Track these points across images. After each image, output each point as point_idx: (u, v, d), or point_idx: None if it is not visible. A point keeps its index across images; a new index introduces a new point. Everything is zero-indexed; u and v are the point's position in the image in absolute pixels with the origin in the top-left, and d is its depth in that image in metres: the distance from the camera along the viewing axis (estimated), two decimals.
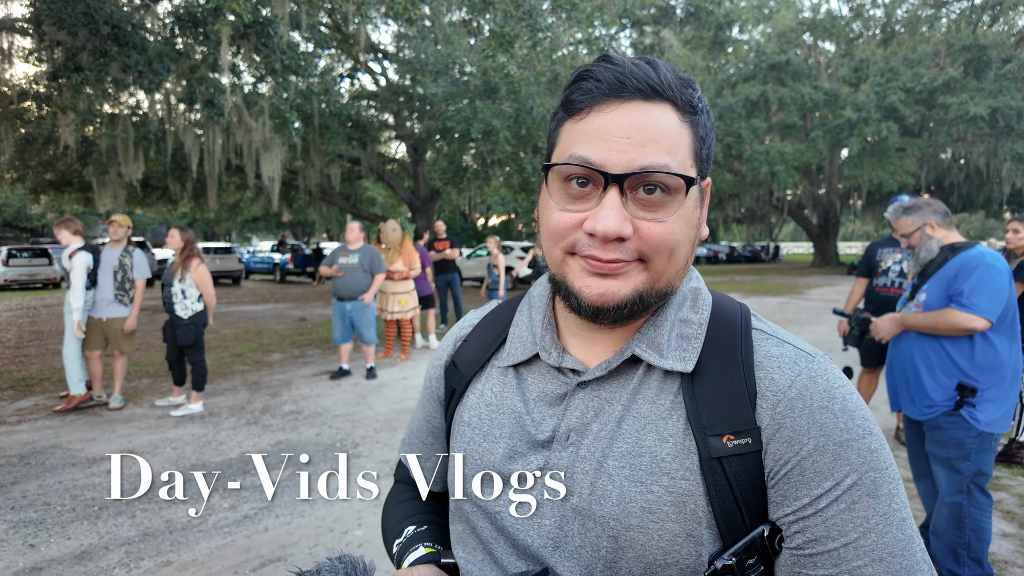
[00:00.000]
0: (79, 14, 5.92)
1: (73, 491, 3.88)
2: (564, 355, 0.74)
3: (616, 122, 0.63)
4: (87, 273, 5.52)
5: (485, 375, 0.82)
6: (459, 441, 0.80)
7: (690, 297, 0.74)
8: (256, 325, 11.25)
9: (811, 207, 31.10)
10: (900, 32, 26.61)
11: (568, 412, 0.72)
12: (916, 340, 2.64)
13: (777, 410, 0.65)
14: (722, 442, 0.64)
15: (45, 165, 14.42)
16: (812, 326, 10.78)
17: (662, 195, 0.63)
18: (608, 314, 0.66)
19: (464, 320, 0.92)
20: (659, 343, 0.70)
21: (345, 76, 16.07)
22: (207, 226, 36.17)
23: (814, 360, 0.68)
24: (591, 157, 0.63)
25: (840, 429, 0.63)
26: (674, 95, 0.64)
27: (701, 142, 0.67)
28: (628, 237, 0.63)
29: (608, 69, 0.64)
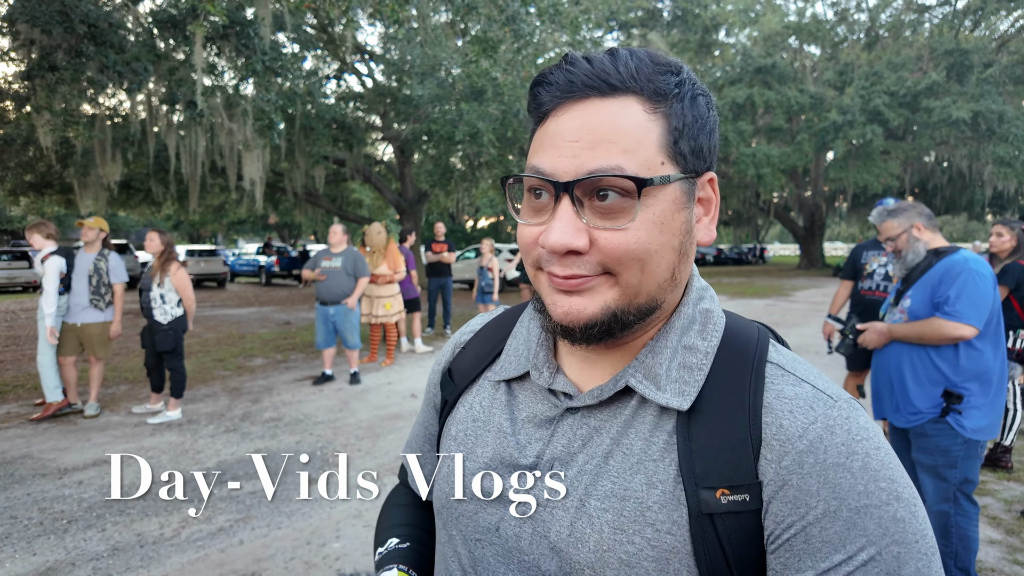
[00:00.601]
0: (54, 12, 5.79)
1: (42, 504, 3.76)
2: (557, 376, 0.68)
3: (567, 125, 0.57)
4: (60, 278, 5.39)
5: (477, 387, 0.76)
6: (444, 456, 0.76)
7: (699, 320, 0.64)
8: (239, 329, 11.10)
9: (797, 209, 31.31)
10: (884, 36, 26.88)
11: (555, 439, 0.65)
12: (901, 347, 2.61)
13: (783, 463, 0.55)
14: (715, 496, 0.56)
15: (24, 166, 14.17)
16: (798, 328, 10.80)
17: (619, 200, 0.55)
18: (575, 334, 0.59)
19: (468, 325, 0.87)
20: (657, 373, 0.61)
21: (332, 77, 15.95)
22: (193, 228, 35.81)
23: (835, 405, 0.57)
24: (541, 166, 0.57)
25: (858, 492, 0.53)
26: (638, 85, 0.57)
27: (677, 133, 0.58)
28: (583, 250, 0.56)
29: (562, 70, 0.58)
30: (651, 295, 0.59)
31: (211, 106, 7.90)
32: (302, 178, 15.08)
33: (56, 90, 6.31)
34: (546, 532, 0.62)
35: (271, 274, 23.74)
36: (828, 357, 7.96)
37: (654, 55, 0.59)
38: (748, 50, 24.05)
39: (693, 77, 0.61)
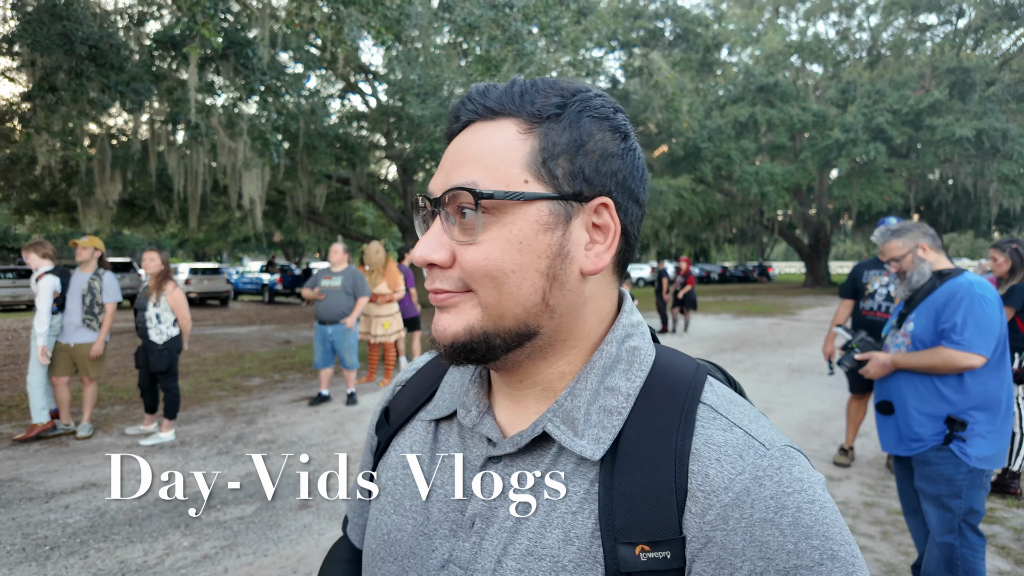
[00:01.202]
0: (55, 35, 5.84)
1: (26, 529, 3.68)
2: (484, 417, 0.63)
3: (450, 148, 0.60)
4: (54, 297, 5.36)
5: (409, 430, 0.71)
6: (374, 507, 0.70)
7: (625, 359, 0.60)
8: (239, 348, 11.05)
9: (802, 227, 31.25)
10: (886, 55, 27.01)
11: (477, 491, 0.61)
12: (903, 373, 2.53)
13: (707, 518, 0.51)
14: (634, 553, 0.51)
15: (30, 185, 14.28)
16: (803, 347, 10.69)
17: (473, 216, 0.55)
18: (445, 351, 0.58)
19: (414, 362, 0.82)
20: (575, 417, 0.57)
21: (335, 97, 16.07)
22: (198, 246, 35.99)
23: (766, 454, 0.53)
24: (428, 187, 0.61)
25: (787, 551, 0.48)
26: (516, 108, 0.57)
27: (548, 153, 0.56)
28: (443, 264, 0.57)
29: (460, 101, 0.62)
30: (518, 318, 0.56)
31: (211, 125, 7.94)
32: (305, 196, 15.13)
33: (56, 111, 6.36)
34: None
35: (274, 292, 23.76)
36: (831, 378, 7.85)
37: (558, 83, 0.59)
38: (750, 69, 24.16)
39: (595, 103, 0.59)
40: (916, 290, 2.57)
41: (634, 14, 22.14)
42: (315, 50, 13.40)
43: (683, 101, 17.20)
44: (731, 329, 13.65)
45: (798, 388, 7.47)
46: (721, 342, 11.56)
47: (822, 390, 7.28)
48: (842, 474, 4.58)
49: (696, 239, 35.60)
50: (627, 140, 0.60)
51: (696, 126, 19.76)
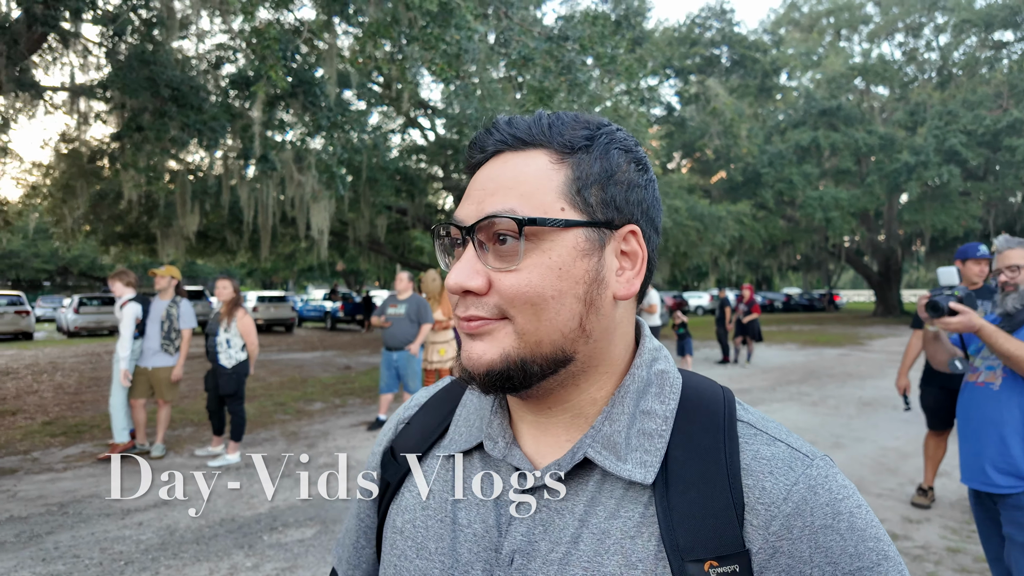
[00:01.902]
0: (143, 79, 6.33)
1: (103, 544, 3.87)
2: (512, 448, 0.62)
3: (479, 177, 0.60)
4: (136, 323, 5.69)
5: (425, 467, 0.69)
6: (390, 552, 0.67)
7: (655, 383, 0.61)
8: (302, 373, 11.39)
9: (870, 254, 29.97)
10: (957, 75, 25.91)
11: (513, 527, 0.59)
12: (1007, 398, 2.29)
13: (771, 529, 0.52)
14: (703, 569, 0.51)
15: (115, 219, 15.33)
16: (875, 379, 10.17)
17: (513, 243, 0.56)
18: (477, 379, 0.57)
19: (412, 399, 0.79)
20: (616, 442, 0.57)
21: (396, 131, 16.66)
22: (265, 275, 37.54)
23: (812, 464, 0.55)
24: (455, 214, 0.60)
25: (850, 555, 0.52)
26: (546, 139, 0.59)
27: (582, 183, 0.58)
28: (479, 291, 0.56)
29: (485, 131, 0.62)
30: (555, 344, 0.56)
31: (281, 159, 8.37)
32: (366, 227, 15.64)
33: (142, 148, 6.86)
34: None
35: (336, 319, 24.47)
36: (907, 414, 7.43)
37: (582, 116, 0.61)
38: (811, 93, 23.63)
39: (620, 136, 0.61)
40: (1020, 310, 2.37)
41: (690, 41, 22.11)
42: (377, 87, 13.98)
43: (742, 127, 16.95)
44: (797, 360, 13.13)
45: (870, 422, 7.09)
46: (787, 373, 11.13)
47: (896, 425, 6.89)
48: (921, 516, 4.29)
49: (758, 266, 34.66)
50: (648, 172, 0.62)
51: (755, 151, 19.40)
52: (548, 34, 7.31)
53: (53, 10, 5.90)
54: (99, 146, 12.06)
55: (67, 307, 21.92)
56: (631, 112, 10.31)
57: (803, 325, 24.55)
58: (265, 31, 4.94)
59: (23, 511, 4.42)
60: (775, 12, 31.40)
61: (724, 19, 21.97)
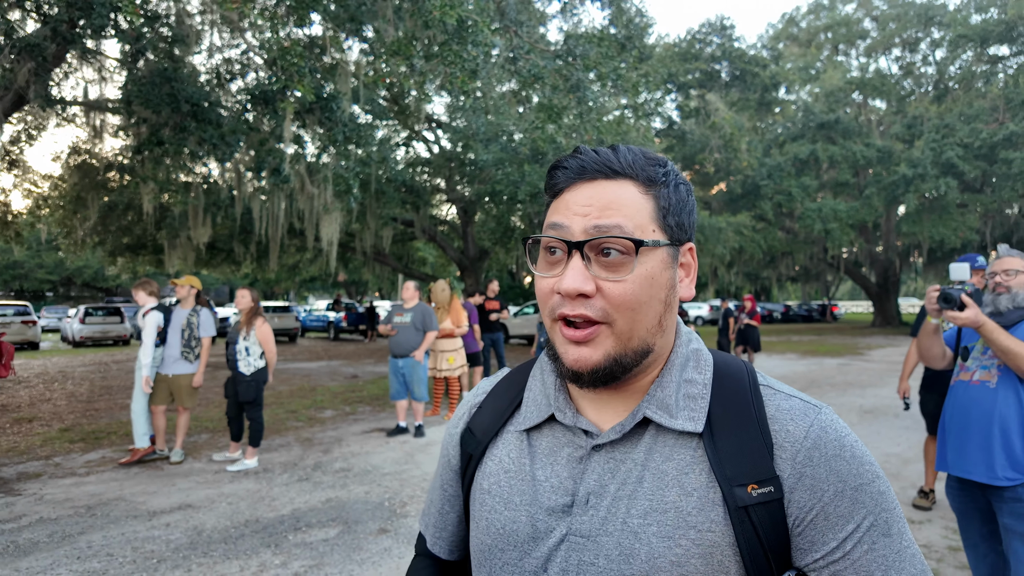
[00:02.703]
0: (164, 94, 6.53)
1: (134, 543, 4.01)
2: (578, 416, 0.77)
3: (579, 197, 0.72)
4: (157, 332, 5.85)
5: (502, 440, 0.83)
6: (479, 509, 0.81)
7: (692, 358, 0.78)
8: (310, 382, 11.53)
9: (869, 265, 30.16)
10: (954, 88, 26.24)
11: (586, 475, 0.74)
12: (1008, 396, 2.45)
13: (797, 460, 0.69)
14: (747, 491, 0.67)
15: (124, 230, 15.50)
16: (875, 388, 10.31)
17: (619, 256, 0.69)
18: (583, 378, 0.71)
19: (478, 388, 0.94)
20: (668, 404, 0.73)
21: (401, 145, 16.90)
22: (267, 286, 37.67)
23: (821, 411, 0.72)
24: (559, 227, 0.72)
25: (854, 475, 0.68)
26: (634, 173, 0.72)
27: (665, 211, 0.73)
28: (591, 294, 0.68)
29: (575, 158, 0.74)
30: (642, 339, 0.71)
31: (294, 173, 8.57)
32: (372, 238, 15.82)
33: (161, 162, 7.05)
34: (594, 560, 0.70)
35: (339, 329, 24.57)
36: (907, 421, 7.58)
37: (646, 152, 0.76)
38: (810, 106, 23.93)
39: (676, 170, 0.76)
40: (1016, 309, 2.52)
41: (690, 56, 22.42)
42: (383, 102, 14.23)
43: (741, 140, 17.22)
44: (798, 369, 13.28)
45: (872, 430, 7.24)
46: (788, 383, 11.22)
47: (897, 432, 7.04)
48: (923, 517, 4.44)
49: (757, 277, 34.81)
50: (692, 196, 0.78)
51: (755, 164, 19.65)
52: (557, 52, 7.53)
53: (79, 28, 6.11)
54: (110, 159, 12.27)
55: (73, 317, 22.05)
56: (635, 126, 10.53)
57: (802, 335, 24.69)
58: (291, 48, 5.15)
59: (52, 513, 4.56)
60: (773, 27, 31.81)
61: (724, 35, 22.31)
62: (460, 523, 0.92)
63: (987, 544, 2.58)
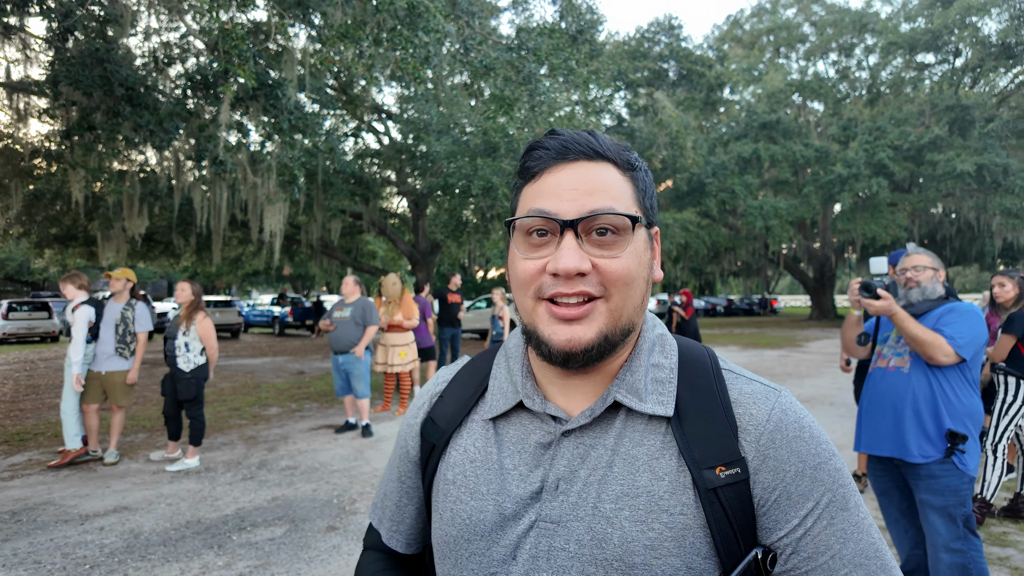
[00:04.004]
0: (96, 76, 6.16)
1: (64, 549, 3.80)
2: (547, 403, 0.76)
3: (565, 179, 0.72)
4: (88, 327, 5.55)
5: (467, 429, 0.82)
6: (444, 500, 0.79)
7: (658, 343, 0.79)
8: (254, 379, 11.19)
9: (807, 260, 31.42)
10: (885, 93, 27.57)
11: (555, 461, 0.73)
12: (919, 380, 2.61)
13: (761, 442, 0.71)
14: (715, 473, 0.69)
15: (51, 220, 14.64)
16: (812, 379, 10.75)
17: (612, 236, 0.70)
18: (577, 358, 0.70)
19: (437, 376, 0.92)
20: (637, 388, 0.73)
21: (350, 135, 16.54)
22: (208, 280, 36.36)
23: (781, 394, 0.75)
24: (547, 208, 0.71)
25: (812, 454, 0.71)
26: (613, 156, 0.74)
27: (643, 193, 0.76)
28: (587, 272, 0.69)
29: (555, 139, 0.74)
30: (629, 317, 0.72)
31: (236, 162, 8.25)
32: (319, 231, 15.45)
33: (92, 148, 6.66)
34: (565, 545, 0.69)
35: (285, 324, 23.94)
36: (843, 408, 7.94)
37: (620, 142, 0.77)
38: (753, 107, 24.69)
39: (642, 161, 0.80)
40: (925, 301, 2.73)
41: (639, 55, 22.77)
42: (331, 91, 13.88)
43: (687, 138, 17.62)
44: (739, 361, 13.72)
45: None
46: None
47: (832, 420, 7.36)
48: None
49: (702, 272, 35.77)
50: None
51: (700, 162, 20.15)
52: (509, 44, 7.50)
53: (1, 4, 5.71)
54: (36, 144, 11.55)
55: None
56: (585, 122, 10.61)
57: (744, 328, 25.52)
58: (232, 31, 4.94)
59: None
60: (719, 29, 32.65)
61: (672, 34, 22.75)
62: (419, 515, 0.89)
63: (907, 519, 2.76)
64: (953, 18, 23.28)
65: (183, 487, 4.99)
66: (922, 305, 2.71)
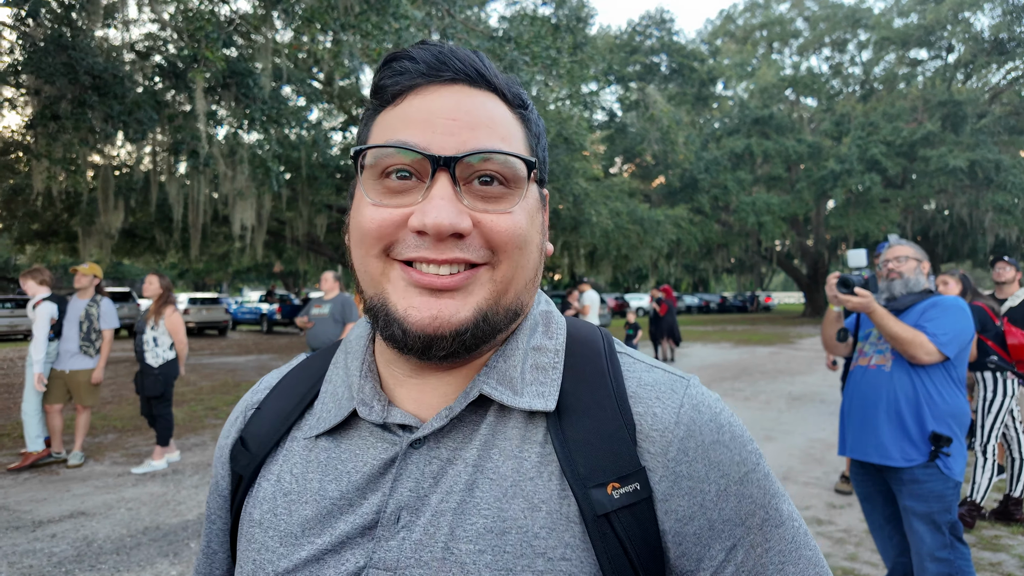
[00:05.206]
0: (59, 64, 5.94)
1: (11, 558, 3.60)
2: (390, 408, 0.57)
3: (440, 104, 0.53)
4: (51, 324, 5.34)
5: (283, 452, 0.61)
6: (248, 548, 0.59)
7: (542, 322, 0.61)
8: (235, 377, 10.98)
9: (800, 257, 31.39)
10: (878, 89, 27.52)
11: (398, 483, 0.54)
12: (900, 381, 2.46)
13: (669, 455, 0.53)
14: (607, 493, 0.51)
15: (31, 215, 14.38)
16: (804, 376, 10.63)
17: (500, 187, 0.52)
18: (443, 343, 0.51)
19: (260, 382, 0.70)
20: (512, 377, 0.55)
21: (338, 129, 16.32)
22: (197, 276, 36.07)
23: (689, 384, 0.58)
24: (412, 140, 0.51)
25: (736, 463, 0.55)
26: (501, 86, 0.56)
27: (536, 139, 0.58)
28: (467, 232, 0.50)
29: (427, 49, 0.54)
30: (517, 294, 0.55)
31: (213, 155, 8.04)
32: (305, 226, 15.23)
33: (57, 139, 6.43)
34: None
35: (273, 322, 23.71)
36: (832, 407, 7.81)
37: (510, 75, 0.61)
38: (745, 102, 24.59)
39: None
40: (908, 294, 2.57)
41: (630, 49, 22.62)
42: (317, 84, 13.66)
43: (679, 134, 17.46)
44: (731, 358, 13.59)
45: (799, 416, 7.40)
46: (721, 371, 11.50)
47: (823, 418, 7.22)
48: (844, 502, 4.51)
49: (695, 269, 35.71)
50: None
51: (692, 158, 20.01)
52: (491, 34, 7.32)
53: None
54: (11, 137, 11.29)
55: None
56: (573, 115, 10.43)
57: (737, 325, 25.45)
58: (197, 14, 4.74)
59: None
60: (712, 23, 32.53)
61: (664, 28, 22.59)
62: (230, 566, 0.68)
63: (891, 526, 2.61)
64: (946, 14, 23.22)
65: (146, 491, 4.79)
66: (905, 299, 2.55)
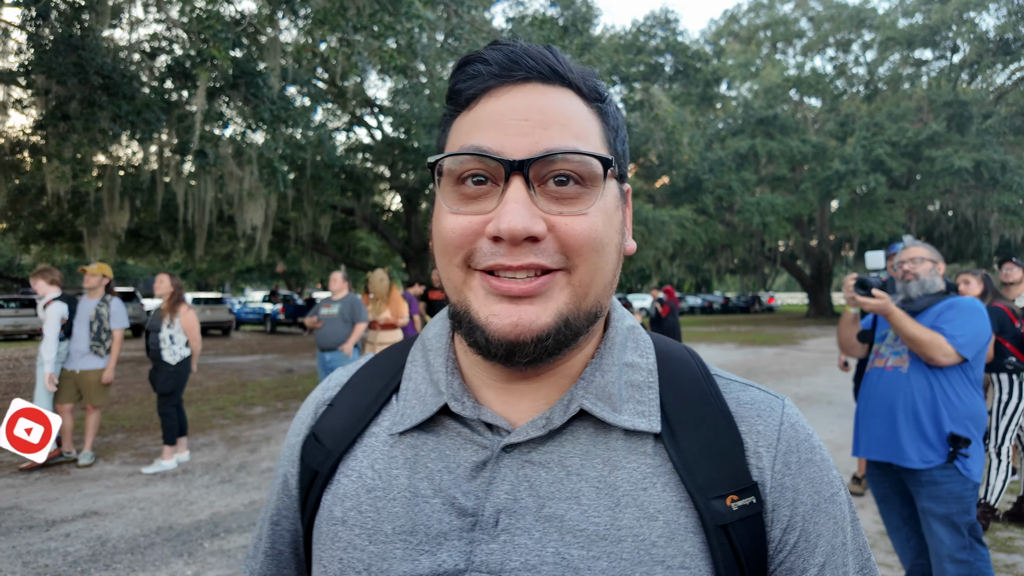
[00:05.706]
0: (70, 64, 5.95)
1: (26, 557, 3.61)
2: (480, 407, 0.56)
3: (512, 104, 0.52)
4: (61, 324, 5.36)
5: (362, 449, 0.60)
6: (331, 548, 0.57)
7: (631, 338, 0.61)
8: (241, 377, 10.99)
9: (804, 258, 31.34)
10: (883, 89, 27.46)
11: (494, 486, 0.53)
12: (918, 382, 2.45)
13: (775, 468, 0.56)
14: (726, 504, 0.53)
15: (37, 215, 14.38)
16: (810, 376, 10.62)
17: (576, 187, 0.51)
18: (526, 349, 0.50)
19: (329, 380, 0.69)
20: (610, 393, 0.55)
21: (341, 130, 16.31)
22: (200, 277, 36.10)
23: (784, 403, 0.60)
24: (485, 144, 0.51)
25: (826, 483, 0.58)
26: (577, 80, 0.54)
27: (614, 133, 0.57)
28: (541, 236, 0.49)
29: (499, 50, 0.54)
30: (597, 298, 0.54)
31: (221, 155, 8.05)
32: (309, 226, 15.23)
33: (68, 139, 6.44)
34: None
35: (276, 322, 23.74)
36: (840, 408, 7.79)
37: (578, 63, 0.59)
38: (749, 102, 24.55)
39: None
40: (924, 296, 2.57)
41: (635, 49, 22.59)
42: (322, 84, 13.66)
43: (683, 134, 17.42)
44: (736, 359, 13.58)
45: (806, 417, 7.39)
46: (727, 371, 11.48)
47: (831, 419, 7.20)
48: (856, 503, 4.50)
49: (698, 269, 35.66)
50: None
51: (696, 158, 19.97)
52: (497, 35, 7.32)
53: None
54: (20, 137, 11.31)
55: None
56: None
57: (741, 326, 25.41)
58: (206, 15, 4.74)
59: None
60: (716, 23, 32.49)
61: (668, 28, 22.54)
62: (298, 571, 0.67)
63: (908, 527, 2.60)
64: (951, 14, 23.16)
65: (157, 490, 4.80)
66: (921, 300, 2.55)
